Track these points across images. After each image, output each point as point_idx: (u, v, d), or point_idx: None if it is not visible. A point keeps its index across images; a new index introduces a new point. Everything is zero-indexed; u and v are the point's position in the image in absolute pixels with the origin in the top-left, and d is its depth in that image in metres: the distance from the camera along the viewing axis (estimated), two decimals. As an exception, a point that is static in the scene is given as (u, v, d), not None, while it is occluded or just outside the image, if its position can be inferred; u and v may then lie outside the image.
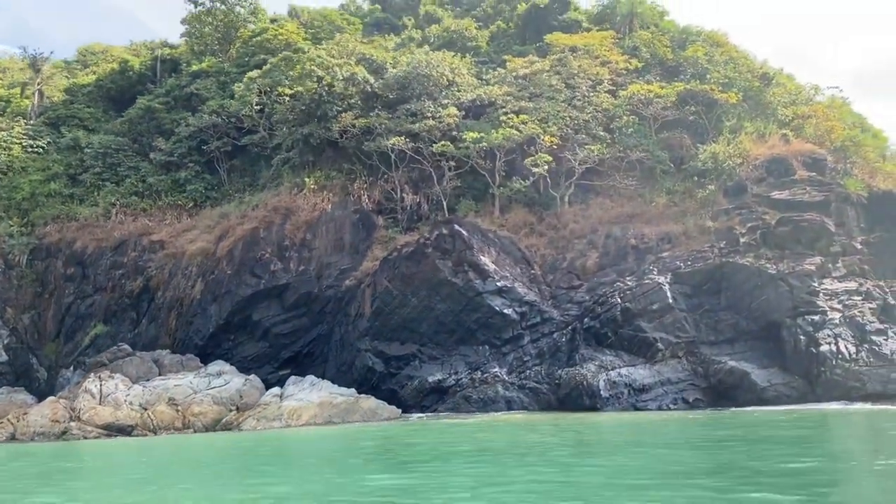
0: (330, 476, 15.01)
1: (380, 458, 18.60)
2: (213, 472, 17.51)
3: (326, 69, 38.90)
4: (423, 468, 15.55)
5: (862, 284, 34.95)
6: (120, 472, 19.52)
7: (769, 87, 43.78)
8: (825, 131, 43.27)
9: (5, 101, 53.60)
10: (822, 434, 21.92)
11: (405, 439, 23.85)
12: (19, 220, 43.44)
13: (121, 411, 31.20)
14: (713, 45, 45.44)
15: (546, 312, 33.39)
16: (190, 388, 32.32)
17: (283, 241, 37.35)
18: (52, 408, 32.13)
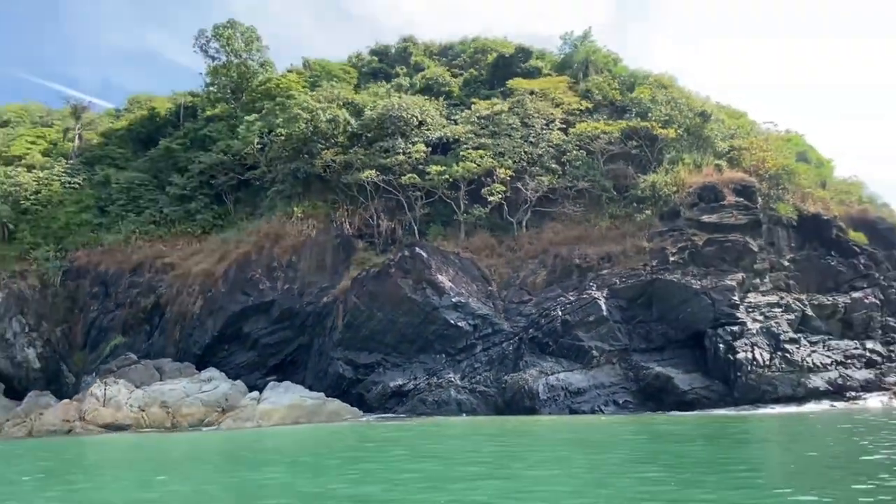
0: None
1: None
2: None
3: (311, 112, 39.12)
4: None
5: (783, 298, 34.30)
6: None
7: (707, 123, 43.22)
8: (759, 161, 42.65)
9: (53, 144, 54.69)
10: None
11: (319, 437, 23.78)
12: (55, 247, 44.06)
13: (120, 412, 31.37)
14: (659, 87, 45.05)
15: (497, 324, 32.99)
16: (183, 392, 32.34)
17: (272, 262, 37.41)
18: (64, 409, 32.44)
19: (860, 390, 29.52)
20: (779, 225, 40.79)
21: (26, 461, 21.31)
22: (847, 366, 30.83)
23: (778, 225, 40.79)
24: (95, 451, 24.26)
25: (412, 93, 45.13)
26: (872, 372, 30.96)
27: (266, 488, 12.33)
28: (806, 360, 29.97)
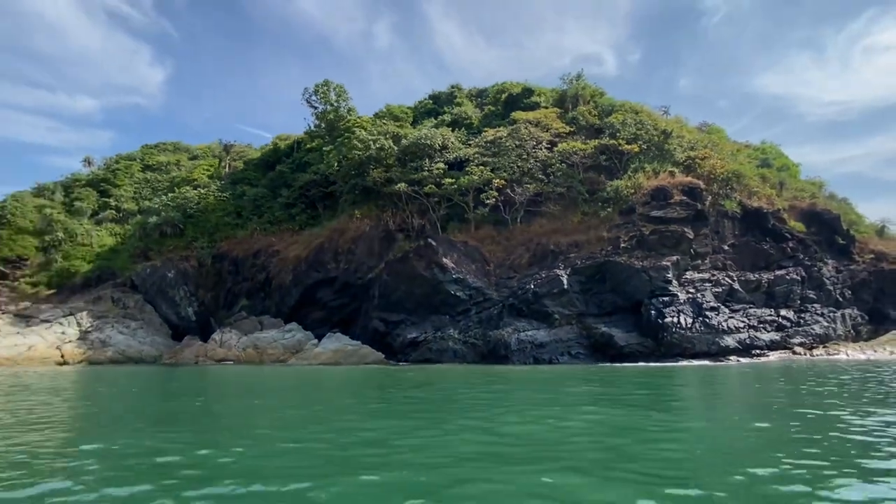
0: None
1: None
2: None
3: (364, 143, 39.49)
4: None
5: (715, 275, 31.62)
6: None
7: (669, 138, 40.01)
8: (712, 168, 39.15)
9: (214, 169, 58.36)
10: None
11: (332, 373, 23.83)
12: (207, 239, 47.02)
13: (230, 351, 33.32)
14: (631, 112, 42.08)
15: (488, 294, 32.30)
16: (271, 339, 33.94)
17: (337, 249, 38.27)
18: (195, 349, 34.81)
19: (766, 349, 26.88)
20: (725, 217, 37.50)
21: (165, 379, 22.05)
22: (758, 329, 28.02)
23: (724, 217, 37.51)
24: (215, 376, 23.40)
25: (445, 126, 44.52)
26: (780, 334, 28.00)
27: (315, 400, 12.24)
28: (722, 325, 27.51)
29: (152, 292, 44.31)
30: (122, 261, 48.78)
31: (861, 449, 6.12)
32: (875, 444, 6.33)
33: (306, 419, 9.72)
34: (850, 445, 6.34)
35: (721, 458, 6.12)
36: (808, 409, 9.53)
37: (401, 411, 10.53)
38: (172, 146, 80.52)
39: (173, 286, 44.75)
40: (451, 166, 38.38)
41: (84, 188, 63.71)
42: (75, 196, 60.86)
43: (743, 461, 5.71)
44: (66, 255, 51.26)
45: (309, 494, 4.58)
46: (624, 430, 7.83)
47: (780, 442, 6.79)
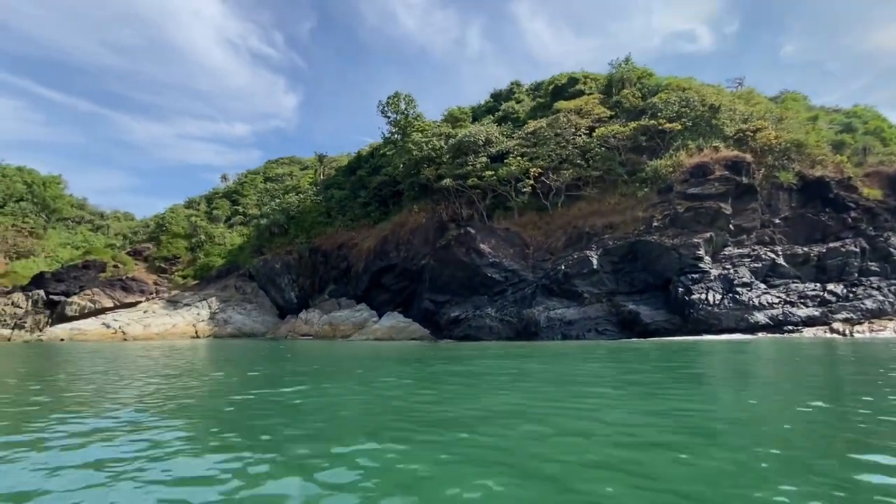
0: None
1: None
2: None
3: (418, 145, 40.40)
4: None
5: (755, 250, 28.06)
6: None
7: (717, 113, 35.76)
8: (768, 139, 34.44)
9: (311, 176, 63.20)
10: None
11: (381, 350, 25.06)
12: (305, 236, 51.38)
13: (312, 327, 36.48)
14: (680, 90, 38.12)
15: (523, 276, 31.73)
16: (344, 317, 36.55)
17: (398, 239, 39.85)
18: (286, 325, 38.56)
19: (800, 325, 23.37)
20: (780, 189, 32.96)
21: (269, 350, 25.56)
22: (796, 305, 24.44)
23: (779, 189, 32.98)
24: (288, 348, 27.52)
25: (493, 122, 43.95)
26: (821, 310, 24.13)
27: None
28: (753, 300, 24.47)
29: (264, 280, 49.66)
30: (245, 256, 55.18)
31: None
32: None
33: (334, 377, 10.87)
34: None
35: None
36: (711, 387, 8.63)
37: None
38: (288, 160, 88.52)
39: (280, 275, 49.73)
40: (495, 159, 37.90)
41: (221, 199, 72.79)
42: (214, 206, 69.84)
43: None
44: (206, 253, 59.18)
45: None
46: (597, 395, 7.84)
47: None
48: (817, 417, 6.06)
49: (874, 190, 34.98)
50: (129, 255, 58.45)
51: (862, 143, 44.09)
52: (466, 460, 4.39)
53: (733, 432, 5.35)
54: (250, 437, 5.32)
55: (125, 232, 71.83)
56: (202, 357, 19.13)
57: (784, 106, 48.30)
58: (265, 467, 4.21)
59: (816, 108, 60.77)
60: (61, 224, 71.37)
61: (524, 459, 4.37)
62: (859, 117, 55.66)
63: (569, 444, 4.85)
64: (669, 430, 5.42)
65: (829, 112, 57.79)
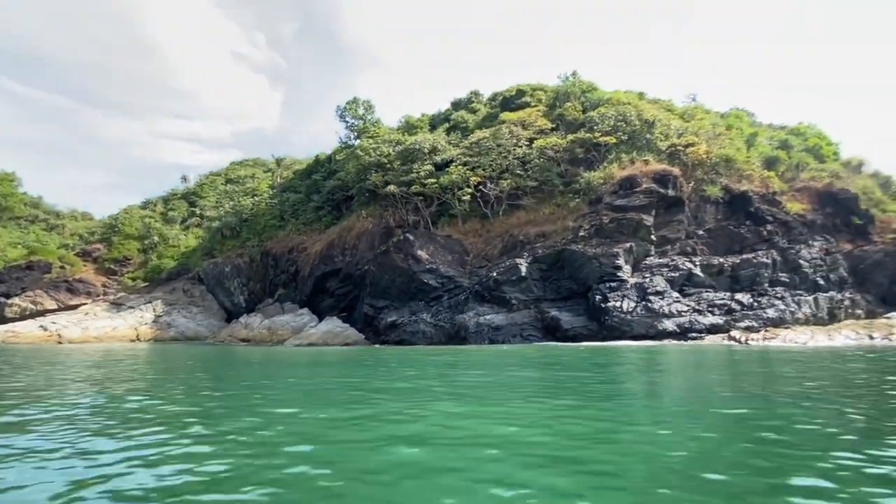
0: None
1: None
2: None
3: (366, 151, 41.03)
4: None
5: (674, 260, 29.41)
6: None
7: (652, 128, 37.44)
8: (698, 154, 36.14)
9: (266, 181, 63.13)
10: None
11: (303, 354, 25.49)
12: (258, 240, 51.20)
13: (251, 332, 36.48)
14: (616, 104, 39.71)
15: (459, 282, 32.54)
16: (283, 321, 36.64)
17: (344, 244, 40.20)
18: (226, 330, 38.49)
19: (704, 332, 24.71)
20: (707, 202, 34.58)
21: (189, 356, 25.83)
22: (703, 313, 25.79)
23: (707, 202, 34.59)
24: (210, 351, 27.84)
25: (446, 130, 44.94)
26: (725, 318, 25.56)
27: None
28: (663, 309, 25.75)
29: (213, 284, 49.33)
30: (196, 258, 54.66)
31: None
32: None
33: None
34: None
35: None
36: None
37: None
38: (252, 162, 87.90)
39: (229, 278, 49.44)
40: (440, 167, 38.76)
41: (179, 200, 71.98)
42: (170, 207, 69.02)
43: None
44: (159, 255, 58.44)
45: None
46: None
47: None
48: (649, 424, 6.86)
49: (799, 204, 37.08)
50: (78, 257, 57.34)
51: (797, 159, 46.55)
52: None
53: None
54: None
55: (81, 232, 70.34)
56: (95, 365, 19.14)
57: (727, 122, 50.69)
58: None
59: (763, 125, 63.78)
60: (13, 223, 69.52)
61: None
62: (801, 134, 58.63)
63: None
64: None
65: (774, 129, 60.72)
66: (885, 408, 7.26)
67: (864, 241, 37.32)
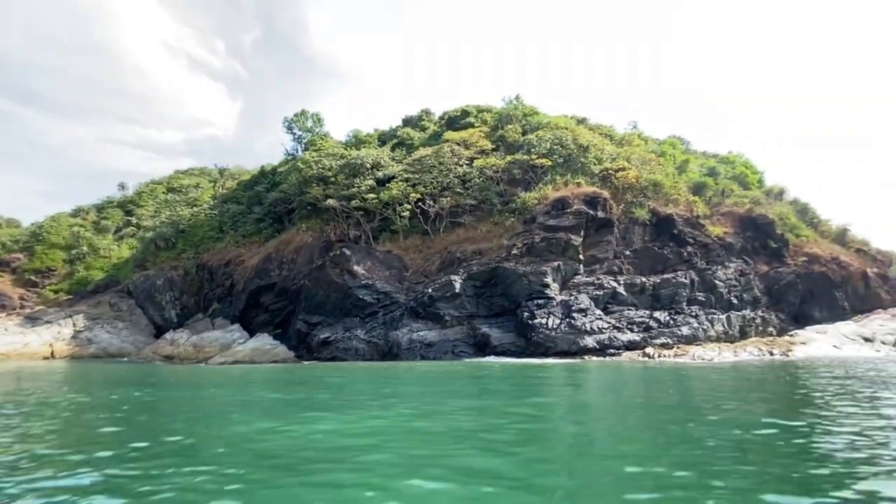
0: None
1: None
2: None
3: (307, 164, 40.68)
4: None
5: (600, 279, 30.51)
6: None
7: (587, 152, 39.16)
8: (627, 178, 37.98)
9: (209, 192, 61.20)
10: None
11: (223, 372, 24.71)
12: (193, 251, 49.33)
13: (176, 349, 34.82)
14: (558, 128, 41.39)
15: (395, 298, 32.47)
16: (212, 338, 35.16)
17: (282, 258, 39.39)
18: (152, 346, 36.61)
19: (622, 349, 25.71)
20: (636, 224, 36.26)
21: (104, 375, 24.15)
22: (623, 330, 26.87)
23: (635, 224, 36.27)
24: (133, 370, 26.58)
25: (392, 147, 45.26)
26: (643, 335, 26.70)
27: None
28: (586, 325, 26.61)
29: (142, 297, 46.94)
30: (127, 271, 51.94)
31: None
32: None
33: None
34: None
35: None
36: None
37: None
38: (199, 171, 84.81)
39: (161, 292, 47.22)
40: (382, 183, 38.92)
41: (114, 208, 68.45)
42: (104, 215, 65.49)
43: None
44: (87, 266, 55.14)
45: None
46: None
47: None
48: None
49: (722, 228, 39.59)
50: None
51: (723, 185, 49.78)
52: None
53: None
54: None
55: (5, 240, 65.43)
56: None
57: (661, 149, 53.70)
58: None
59: (697, 153, 67.86)
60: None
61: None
62: (730, 163, 62.79)
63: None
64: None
65: (707, 157, 64.77)
66: (668, 417, 7.87)
67: (779, 263, 40.20)
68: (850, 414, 7.74)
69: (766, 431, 6.47)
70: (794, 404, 9.23)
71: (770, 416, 7.76)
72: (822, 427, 6.69)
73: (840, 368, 17.27)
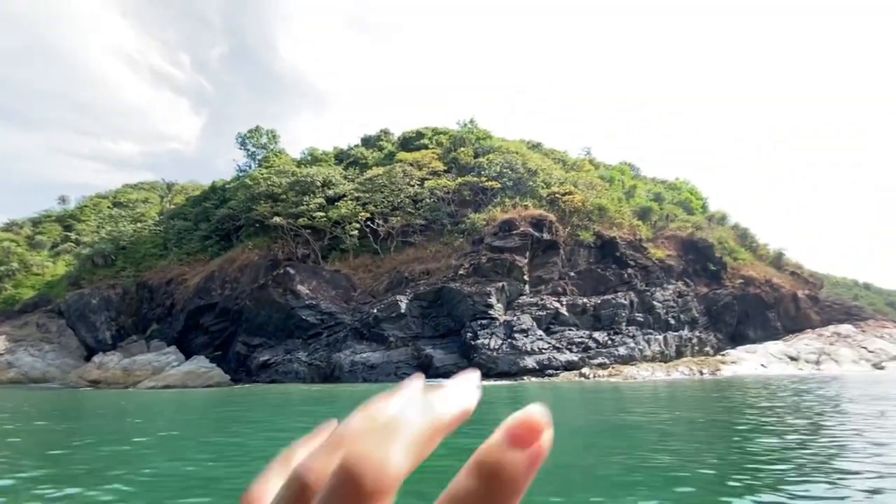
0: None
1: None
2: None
3: (255, 181, 39.91)
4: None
5: (544, 300, 30.90)
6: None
7: (534, 176, 40.14)
8: (573, 202, 39.06)
9: (156, 206, 59.00)
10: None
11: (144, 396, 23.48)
12: (134, 269, 46.99)
13: (105, 373, 32.82)
14: (508, 153, 42.34)
15: (340, 319, 31.86)
16: (143, 361, 33.32)
17: (225, 277, 38.11)
18: (78, 370, 34.38)
19: (560, 369, 26.02)
20: (581, 246, 37.14)
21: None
22: (562, 350, 27.23)
23: (581, 246, 37.14)
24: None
25: (345, 166, 45.05)
26: (581, 356, 27.15)
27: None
28: (526, 346, 26.82)
29: (75, 318, 44.15)
30: (61, 289, 48.90)
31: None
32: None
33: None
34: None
35: None
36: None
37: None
38: (149, 185, 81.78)
39: (96, 312, 44.59)
40: (333, 201, 38.53)
41: (52, 223, 64.77)
42: (40, 230, 61.83)
43: None
44: (17, 283, 51.65)
45: None
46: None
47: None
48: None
49: (665, 251, 41.12)
50: None
51: (668, 210, 51.99)
52: None
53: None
54: None
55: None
56: None
57: (611, 174, 55.73)
58: None
59: (647, 179, 70.86)
60: None
61: None
62: (677, 188, 65.80)
63: None
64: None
65: (656, 182, 67.74)
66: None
67: (717, 285, 41.97)
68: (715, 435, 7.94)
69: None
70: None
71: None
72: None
73: (756, 388, 17.98)
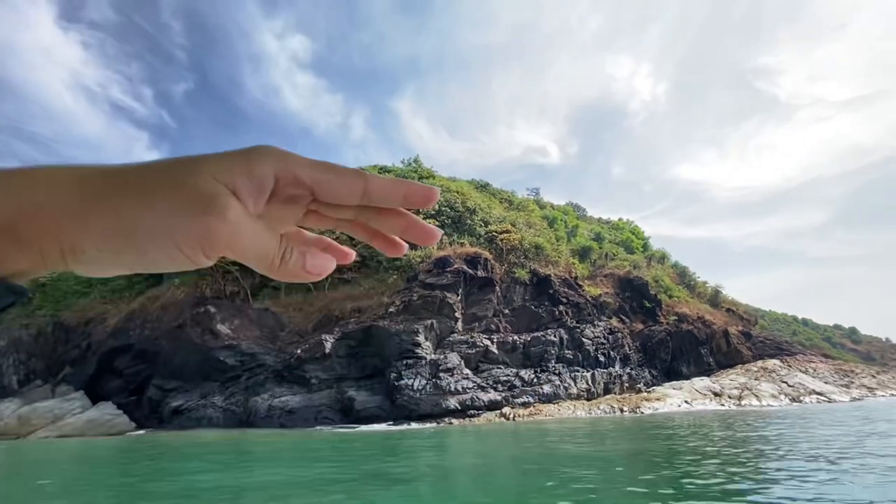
0: None
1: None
2: None
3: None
4: None
5: (473, 337, 30.45)
6: None
7: (473, 214, 40.60)
8: (510, 241, 39.54)
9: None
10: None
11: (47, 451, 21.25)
12: (52, 308, 43.77)
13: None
14: (448, 191, 42.86)
15: (263, 360, 30.23)
16: (43, 408, 30.31)
17: (146, 316, 35.99)
18: (-35, 421, 30.98)
19: (483, 409, 25.34)
20: (517, 283, 37.27)
21: None
22: (486, 390, 26.65)
23: (517, 283, 37.27)
24: None
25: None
26: (504, 395, 26.64)
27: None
28: (450, 386, 26.08)
29: (-24, 362, 40.34)
30: (-36, 330, 44.84)
31: None
32: None
33: None
34: None
35: None
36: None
37: None
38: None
39: (4, 354, 40.84)
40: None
41: (-32, 259, 60.12)
42: (-48, 267, 57.14)
43: None
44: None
45: None
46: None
47: None
48: None
49: (603, 288, 41.87)
50: None
51: (607, 249, 53.46)
52: None
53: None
54: None
55: None
56: None
57: (554, 214, 57.17)
58: None
59: (592, 219, 73.11)
60: None
61: None
62: (620, 228, 68.08)
63: None
64: None
65: (602, 223, 70.00)
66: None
67: (652, 321, 42.83)
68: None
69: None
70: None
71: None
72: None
73: (664, 426, 17.87)
